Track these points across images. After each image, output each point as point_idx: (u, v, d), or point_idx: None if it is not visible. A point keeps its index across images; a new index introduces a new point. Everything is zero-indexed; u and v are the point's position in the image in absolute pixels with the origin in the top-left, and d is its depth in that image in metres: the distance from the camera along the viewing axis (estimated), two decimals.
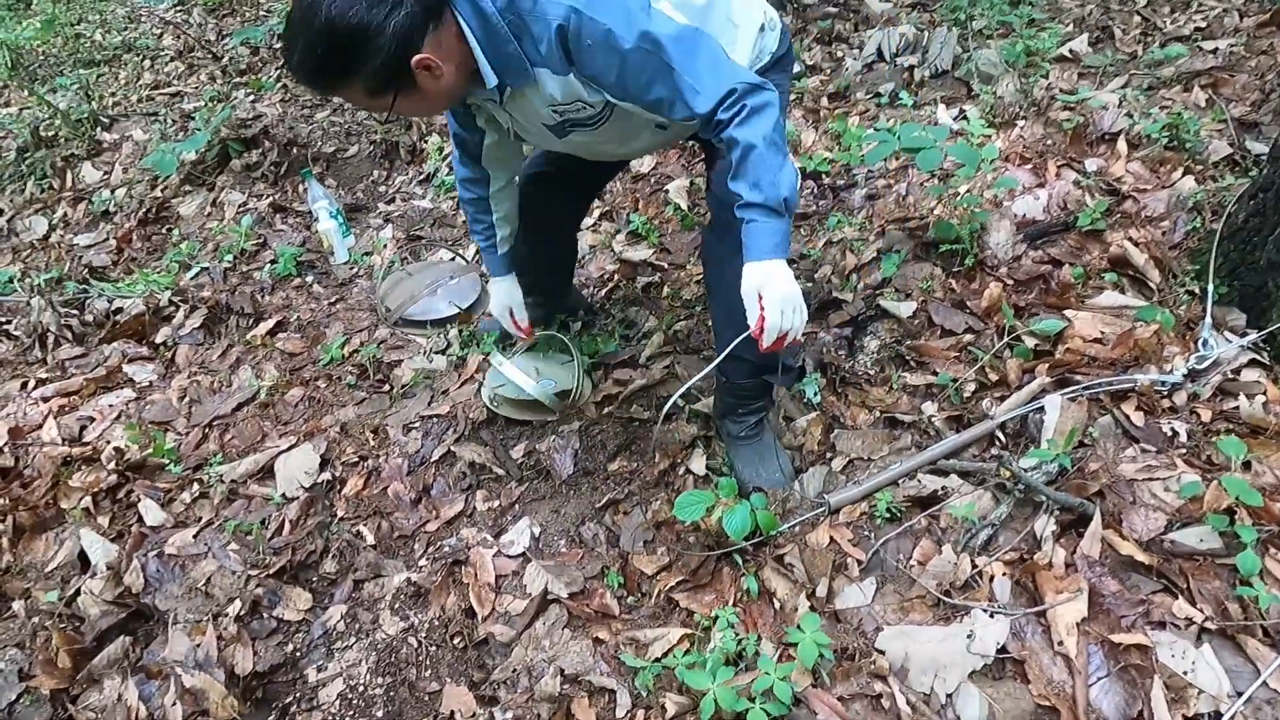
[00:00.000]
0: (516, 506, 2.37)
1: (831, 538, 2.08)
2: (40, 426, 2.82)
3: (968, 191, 2.94)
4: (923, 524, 2.05)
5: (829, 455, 2.33)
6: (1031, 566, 1.87)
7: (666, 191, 3.50)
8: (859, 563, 2.00)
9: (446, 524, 2.33)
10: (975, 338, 2.56)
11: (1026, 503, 2.01)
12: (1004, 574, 1.88)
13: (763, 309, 1.60)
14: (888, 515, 2.08)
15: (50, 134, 5.01)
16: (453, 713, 1.89)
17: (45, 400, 2.95)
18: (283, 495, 2.43)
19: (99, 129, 5.00)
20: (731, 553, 2.10)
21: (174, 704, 1.84)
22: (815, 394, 2.51)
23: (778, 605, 1.97)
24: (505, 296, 2.41)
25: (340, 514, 2.39)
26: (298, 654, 2.08)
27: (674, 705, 1.78)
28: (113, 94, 5.54)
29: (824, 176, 3.45)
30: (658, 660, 1.91)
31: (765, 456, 2.29)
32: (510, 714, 1.88)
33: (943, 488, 2.12)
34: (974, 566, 1.91)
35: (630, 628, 2.02)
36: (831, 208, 3.30)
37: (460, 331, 2.93)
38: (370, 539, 2.31)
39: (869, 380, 2.56)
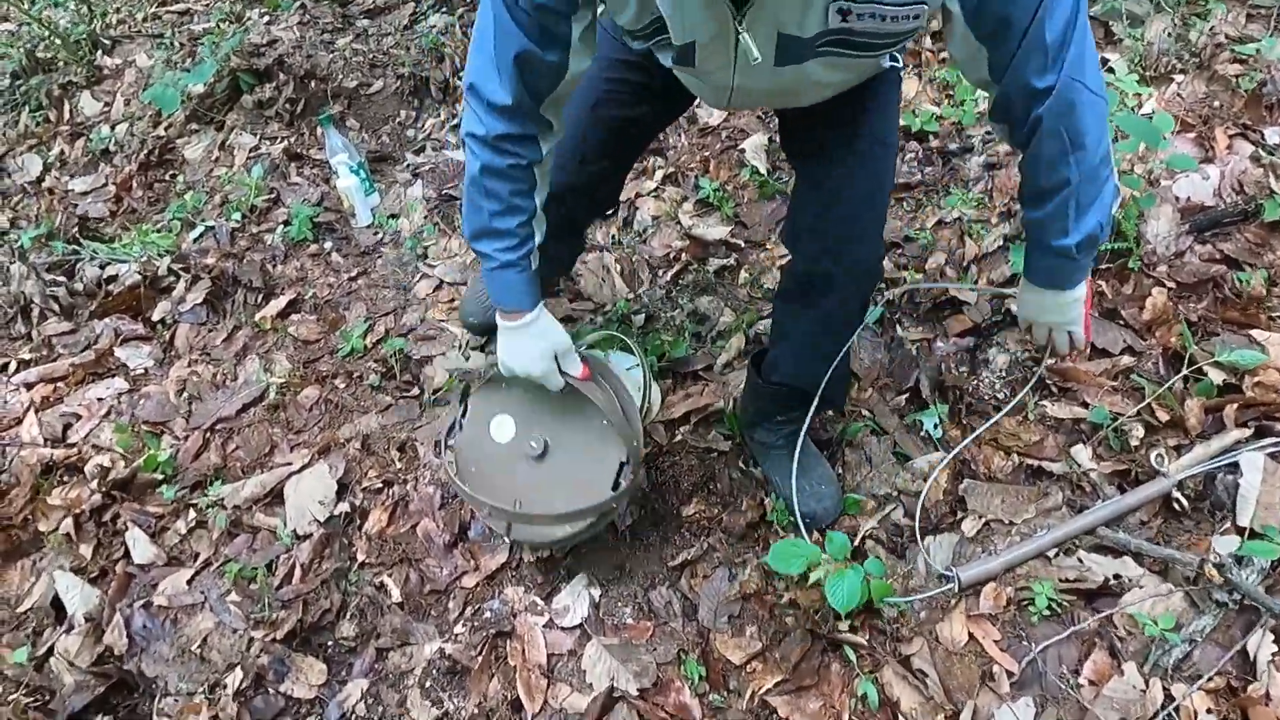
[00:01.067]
0: (570, 559, 1.96)
1: (971, 633, 1.66)
2: (20, 421, 2.44)
3: (1127, 171, 2.39)
4: (1092, 626, 1.61)
5: (958, 514, 1.88)
6: (1245, 701, 1.44)
7: (741, 151, 2.97)
8: (1009, 674, 1.58)
9: (488, 579, 1.93)
10: (1137, 360, 2.07)
11: (1231, 605, 1.56)
12: (1209, 709, 1.45)
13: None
14: (1048, 611, 1.64)
15: (48, 56, 4.53)
16: None
17: (28, 387, 2.57)
18: (293, 532, 2.04)
19: (99, 53, 4.49)
20: (843, 643, 1.69)
21: None
22: (936, 426, 2.05)
23: None
24: (548, 339, 1.55)
25: (361, 559, 2.00)
26: None
27: None
28: (116, 10, 5.00)
29: (931, 138, 2.90)
30: None
31: (811, 468, 1.90)
32: None
33: (1115, 576, 1.67)
34: (1167, 695, 1.48)
35: None
36: (942, 178, 2.76)
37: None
38: (396, 594, 1.93)
39: (997, 407, 2.09)
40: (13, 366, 2.65)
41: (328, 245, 2.99)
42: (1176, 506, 1.78)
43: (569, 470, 1.72)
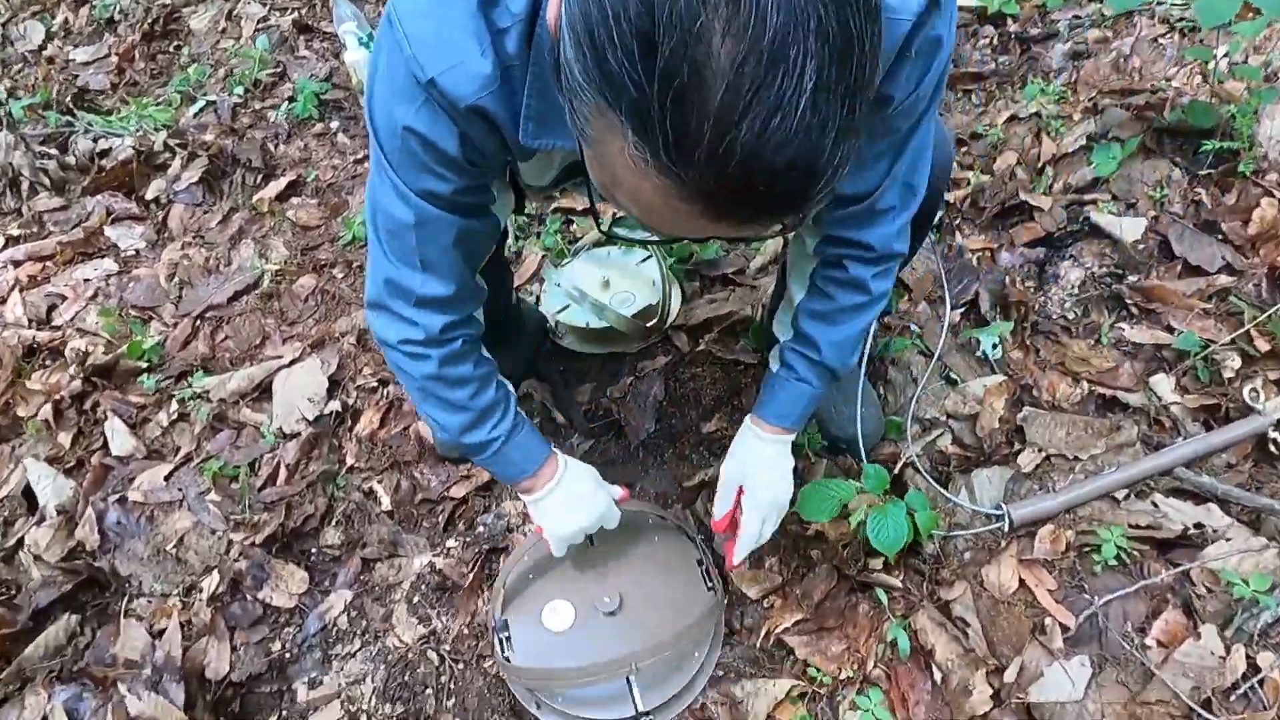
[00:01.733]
0: None
1: (1022, 580, 1.46)
2: (4, 301, 2.30)
3: (1241, 60, 2.05)
4: (1165, 580, 1.40)
5: (1015, 446, 1.66)
6: None
7: None
8: (1064, 629, 1.39)
9: (482, 490, 1.77)
10: (1236, 281, 1.79)
11: None
12: None
13: (739, 511, 1.37)
14: (1114, 560, 1.43)
15: None
16: None
17: (15, 265, 2.42)
18: (279, 430, 1.89)
19: None
20: (873, 583, 1.50)
21: None
22: (995, 347, 1.81)
23: (938, 677, 1.38)
24: (584, 476, 1.39)
25: (350, 462, 1.84)
26: (287, 656, 1.60)
27: None
28: None
29: (1009, 21, 2.54)
30: None
31: (849, 387, 1.68)
32: None
33: (1197, 526, 1.45)
34: (1251, 664, 1.28)
35: (727, 675, 1.47)
36: (1018, 67, 2.42)
37: (516, 216, 2.24)
38: (386, 502, 1.77)
39: (1068, 329, 1.84)
40: (0, 242, 2.50)
41: (334, 124, 2.76)
42: (1273, 449, 1.54)
43: (655, 599, 1.48)
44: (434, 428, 1.29)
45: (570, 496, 1.35)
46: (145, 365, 2.06)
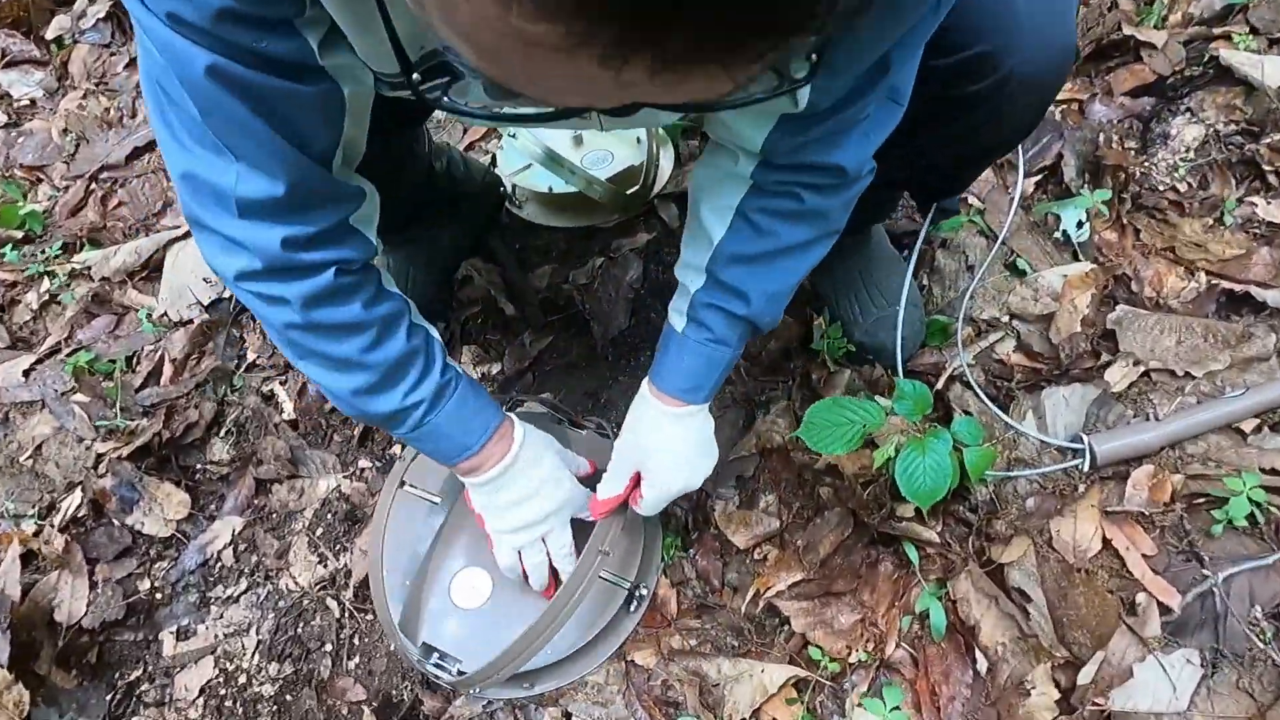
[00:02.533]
0: (529, 378, 1.41)
1: (1107, 540, 1.07)
2: None
3: None
4: None
5: (1101, 357, 1.24)
6: None
7: None
8: (1165, 610, 1.01)
9: None
10: None
11: None
12: None
13: (638, 491, 1.02)
14: (1243, 520, 1.03)
15: None
16: None
17: None
18: (164, 316, 1.52)
19: None
20: (900, 536, 1.13)
21: None
22: (1081, 225, 1.37)
23: (982, 666, 1.02)
24: (548, 453, 1.04)
25: (251, 358, 1.48)
26: (157, 597, 1.28)
27: None
28: None
29: None
30: None
31: (882, 276, 1.30)
32: None
33: None
34: None
35: (700, 647, 1.12)
36: None
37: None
38: (288, 408, 1.42)
39: (1180, 205, 1.39)
40: None
41: None
42: None
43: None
44: (321, 390, 0.90)
45: (527, 482, 0.99)
46: (21, 235, 1.69)
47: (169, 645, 1.24)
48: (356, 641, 1.22)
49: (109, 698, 1.21)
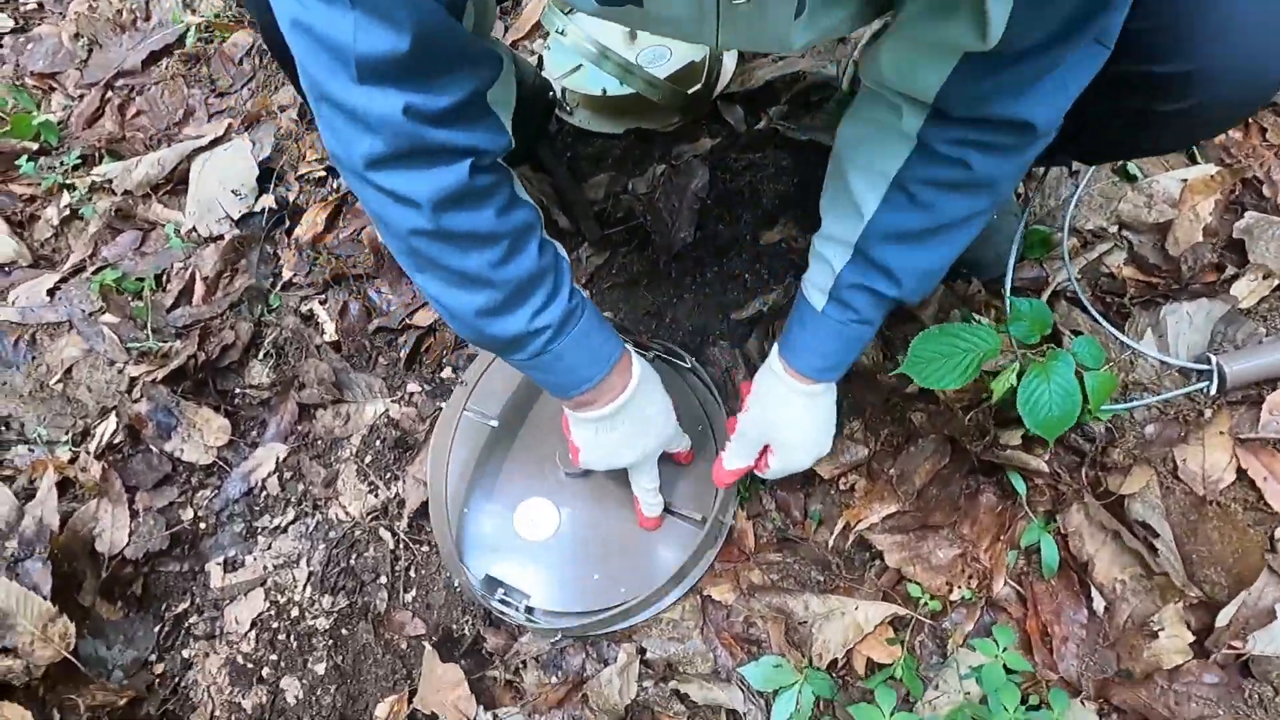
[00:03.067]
0: (587, 293, 1.30)
1: (1242, 469, 0.97)
2: None
3: None
4: None
5: (1226, 270, 1.12)
6: None
7: None
8: None
9: None
10: None
11: None
12: None
13: (763, 459, 0.98)
14: None
15: None
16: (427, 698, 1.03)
17: None
18: (192, 232, 1.43)
19: None
20: (1005, 465, 1.03)
21: None
22: None
23: (1099, 605, 0.94)
24: (659, 398, 0.96)
25: (287, 275, 1.39)
26: (201, 526, 1.22)
27: None
28: None
29: None
30: (829, 669, 0.96)
31: None
32: None
33: None
34: None
35: (782, 582, 1.05)
36: None
37: None
38: (330, 329, 1.33)
39: None
40: None
41: None
42: None
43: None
44: (441, 313, 0.81)
45: (636, 422, 0.92)
46: (36, 147, 1.58)
47: (216, 577, 1.18)
48: (412, 574, 1.16)
49: (156, 629, 1.16)
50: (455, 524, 1.08)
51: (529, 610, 1.03)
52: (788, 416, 0.93)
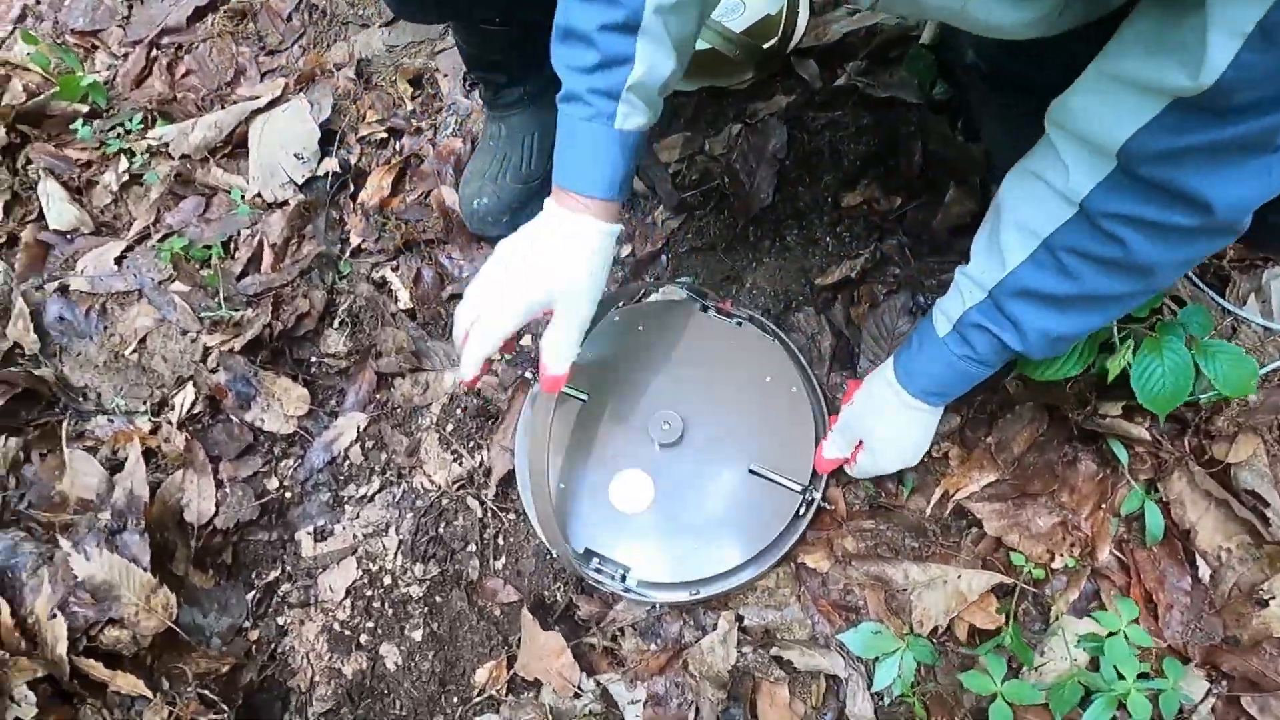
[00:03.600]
0: (662, 260, 1.29)
1: None
2: None
3: None
4: None
5: None
6: None
7: None
8: None
9: None
10: None
11: None
12: None
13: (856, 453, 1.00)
14: None
15: None
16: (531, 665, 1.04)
17: None
18: (257, 197, 1.40)
19: None
20: (1106, 433, 1.02)
21: (53, 614, 1.05)
22: None
23: (1204, 573, 0.94)
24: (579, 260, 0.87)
25: (355, 241, 1.37)
26: (287, 497, 1.23)
27: None
28: None
29: None
30: (932, 636, 0.97)
31: None
32: (637, 691, 1.02)
33: None
34: None
35: (877, 549, 1.05)
36: None
37: None
38: (404, 297, 1.32)
39: None
40: None
41: None
42: None
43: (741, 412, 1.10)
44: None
45: (530, 254, 0.84)
46: (87, 109, 1.55)
47: (307, 546, 1.19)
48: (501, 542, 1.17)
49: (249, 596, 1.18)
50: (550, 495, 1.08)
51: (626, 580, 1.04)
52: (885, 423, 0.95)
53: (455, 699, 1.09)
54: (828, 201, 1.26)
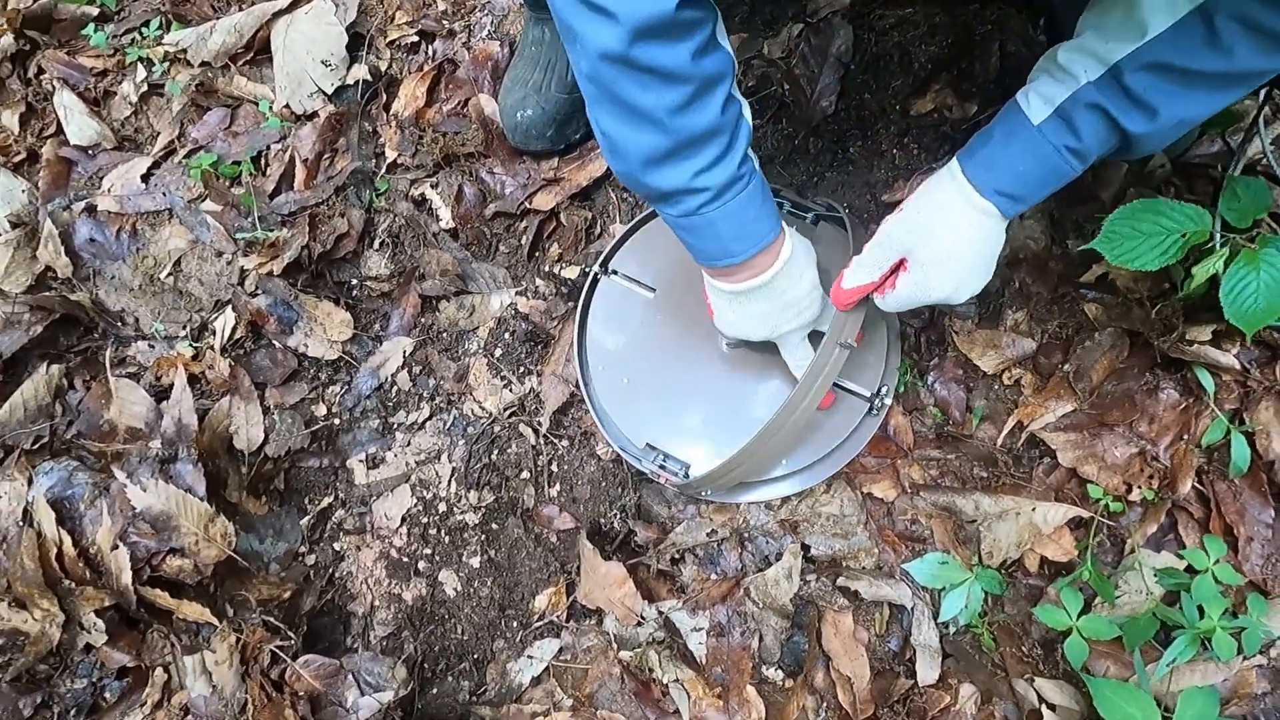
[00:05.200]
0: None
1: None
2: None
3: None
4: None
5: None
6: None
7: None
8: None
9: (581, 197, 1.23)
10: None
11: None
12: None
13: (894, 278, 0.85)
14: None
15: None
16: (592, 595, 1.04)
17: None
18: (285, 109, 1.33)
19: None
20: (1190, 360, 0.98)
21: (115, 545, 1.04)
22: None
23: None
24: (807, 279, 0.90)
25: (391, 156, 1.30)
26: (336, 424, 1.21)
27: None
28: None
29: None
30: (1000, 568, 0.96)
31: None
32: (699, 619, 1.02)
33: None
34: None
35: (943, 479, 1.03)
36: None
37: None
38: (445, 216, 1.26)
39: None
40: None
41: None
42: None
43: None
44: (604, 149, 0.76)
45: (783, 300, 0.88)
46: (96, 12, 1.46)
47: (360, 473, 1.18)
48: (555, 469, 1.15)
49: (304, 521, 1.18)
50: (612, 393, 1.06)
51: (687, 476, 1.02)
52: (948, 225, 0.79)
53: (516, 623, 1.10)
54: (896, 109, 1.18)
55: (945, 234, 0.80)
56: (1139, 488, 0.95)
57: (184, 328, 1.26)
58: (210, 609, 1.04)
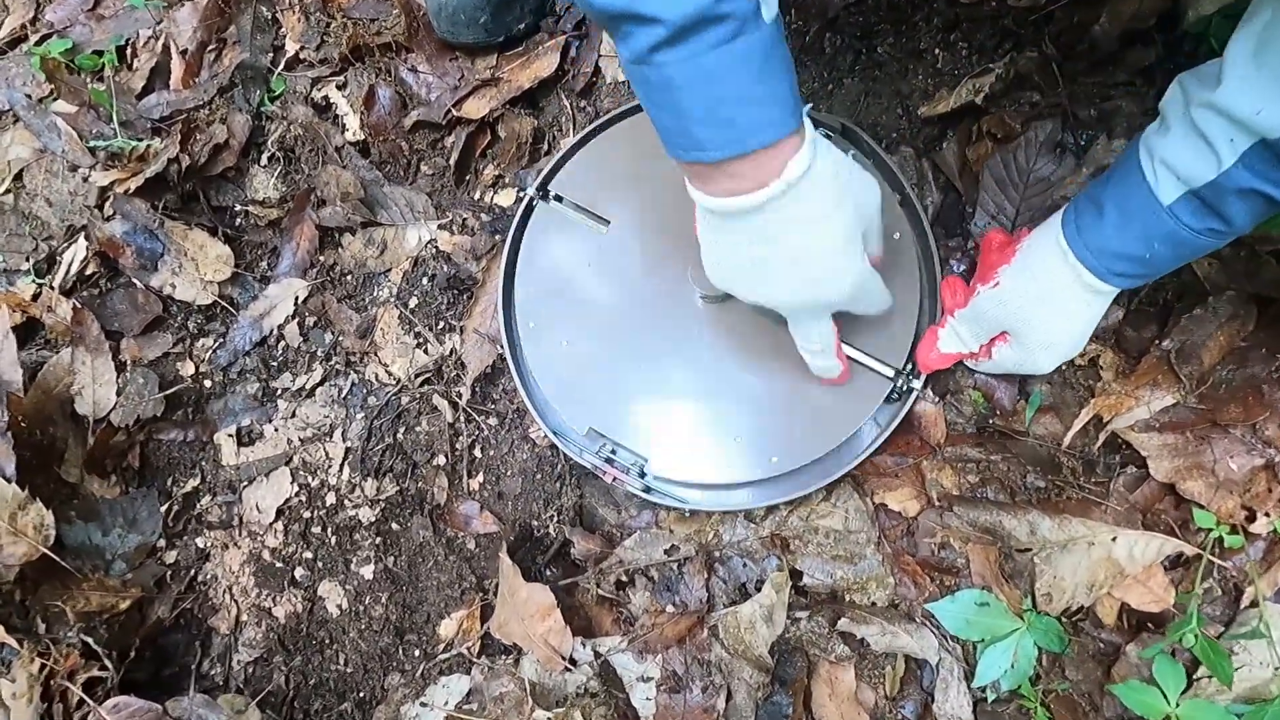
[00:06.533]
0: None
1: None
2: None
3: None
4: None
5: None
6: None
7: None
8: None
9: (523, 101, 0.95)
10: None
11: None
12: None
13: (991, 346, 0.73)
14: None
15: None
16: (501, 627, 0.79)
17: None
18: None
19: None
20: None
21: None
22: None
23: None
24: (848, 196, 0.58)
25: (292, 49, 1.02)
26: (205, 384, 0.95)
27: None
28: None
29: None
30: (1063, 616, 0.70)
31: None
32: (648, 665, 0.76)
33: None
34: None
35: (984, 488, 0.76)
36: None
37: None
38: (354, 125, 0.99)
39: None
40: None
41: None
42: None
43: None
44: None
45: (786, 248, 0.58)
46: None
47: (229, 451, 0.92)
48: (478, 454, 0.89)
49: (165, 508, 0.92)
50: (547, 360, 0.79)
51: (642, 474, 0.76)
52: (1059, 311, 0.67)
53: (416, 652, 0.85)
54: (937, 41, 0.89)
55: (1056, 320, 0.68)
56: (1265, 515, 0.68)
57: (27, 259, 1.00)
58: (9, 625, 0.79)
